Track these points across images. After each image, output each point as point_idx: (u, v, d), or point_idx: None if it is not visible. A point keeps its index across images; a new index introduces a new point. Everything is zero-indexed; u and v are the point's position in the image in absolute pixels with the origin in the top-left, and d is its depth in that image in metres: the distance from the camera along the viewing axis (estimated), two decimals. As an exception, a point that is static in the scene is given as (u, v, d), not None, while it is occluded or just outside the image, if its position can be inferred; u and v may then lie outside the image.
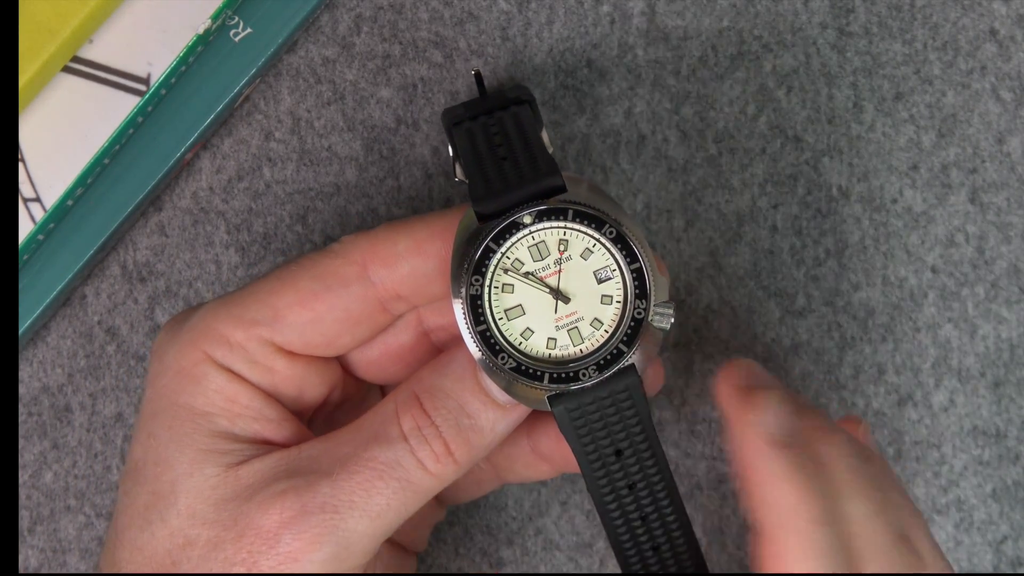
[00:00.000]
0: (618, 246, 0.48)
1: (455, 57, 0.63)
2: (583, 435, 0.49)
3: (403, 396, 0.50)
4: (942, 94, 0.63)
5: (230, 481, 0.49)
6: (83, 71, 0.60)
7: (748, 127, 0.63)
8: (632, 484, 0.50)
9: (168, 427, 0.50)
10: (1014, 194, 0.63)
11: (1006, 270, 0.63)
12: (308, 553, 0.48)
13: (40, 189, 0.59)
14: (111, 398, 0.63)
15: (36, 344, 0.63)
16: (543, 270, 0.49)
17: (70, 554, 0.63)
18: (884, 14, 0.63)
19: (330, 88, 0.63)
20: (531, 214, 0.48)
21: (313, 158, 0.63)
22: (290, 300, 0.50)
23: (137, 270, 0.63)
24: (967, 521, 0.64)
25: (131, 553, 0.49)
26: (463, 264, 0.48)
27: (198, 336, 0.51)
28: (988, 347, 0.63)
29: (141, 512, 0.50)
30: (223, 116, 0.62)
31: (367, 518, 0.48)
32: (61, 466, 0.63)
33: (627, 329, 0.49)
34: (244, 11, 0.61)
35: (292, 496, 0.48)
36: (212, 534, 0.48)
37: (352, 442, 0.49)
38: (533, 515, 0.64)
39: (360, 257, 0.51)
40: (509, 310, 0.49)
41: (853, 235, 0.63)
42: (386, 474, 0.48)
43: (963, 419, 0.63)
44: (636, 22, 0.63)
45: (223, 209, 0.63)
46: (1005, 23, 0.63)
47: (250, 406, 0.50)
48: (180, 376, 0.50)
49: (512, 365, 0.48)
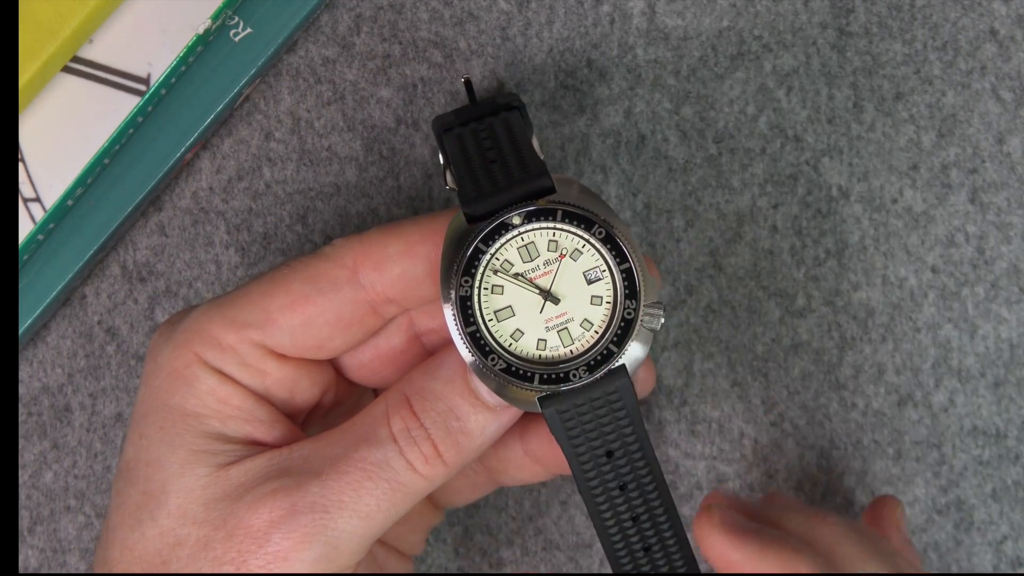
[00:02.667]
0: (608, 246, 0.48)
1: (455, 57, 0.63)
2: (574, 436, 0.49)
3: (394, 398, 0.50)
4: (942, 94, 0.63)
5: (220, 481, 0.49)
6: (83, 71, 0.60)
7: (748, 127, 0.63)
8: (623, 485, 0.50)
9: (160, 427, 0.50)
10: (1014, 194, 0.63)
11: (1006, 270, 0.63)
12: (297, 552, 0.48)
13: (40, 189, 0.59)
14: (111, 398, 0.63)
15: (36, 344, 0.63)
16: (533, 271, 0.49)
17: (70, 554, 0.63)
18: (884, 14, 0.63)
19: (330, 88, 0.63)
20: (520, 215, 0.48)
21: (313, 158, 0.63)
22: (281, 303, 0.51)
23: (137, 270, 0.63)
24: (967, 521, 0.64)
25: (122, 552, 0.50)
26: (452, 266, 0.48)
27: (190, 338, 0.51)
28: (988, 347, 0.63)
29: (132, 512, 0.50)
30: (223, 116, 0.62)
31: (356, 518, 0.48)
32: (61, 466, 0.63)
33: (617, 330, 0.48)
34: (244, 11, 0.61)
35: (282, 496, 0.48)
36: (202, 533, 0.48)
37: (342, 443, 0.50)
38: (533, 515, 0.64)
39: (351, 260, 0.51)
40: (499, 311, 0.49)
41: (853, 235, 0.63)
42: (375, 475, 0.49)
43: (963, 419, 0.63)
44: (636, 22, 0.63)
45: (223, 209, 0.63)
46: (1005, 23, 0.63)
47: (241, 407, 0.50)
48: (172, 377, 0.50)
49: (502, 366, 0.48)
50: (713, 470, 0.64)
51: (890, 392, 0.63)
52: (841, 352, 0.63)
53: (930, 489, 0.64)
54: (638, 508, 0.51)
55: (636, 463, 0.50)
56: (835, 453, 0.64)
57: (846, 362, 0.63)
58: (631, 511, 0.51)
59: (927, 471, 0.64)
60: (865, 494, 0.64)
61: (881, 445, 0.64)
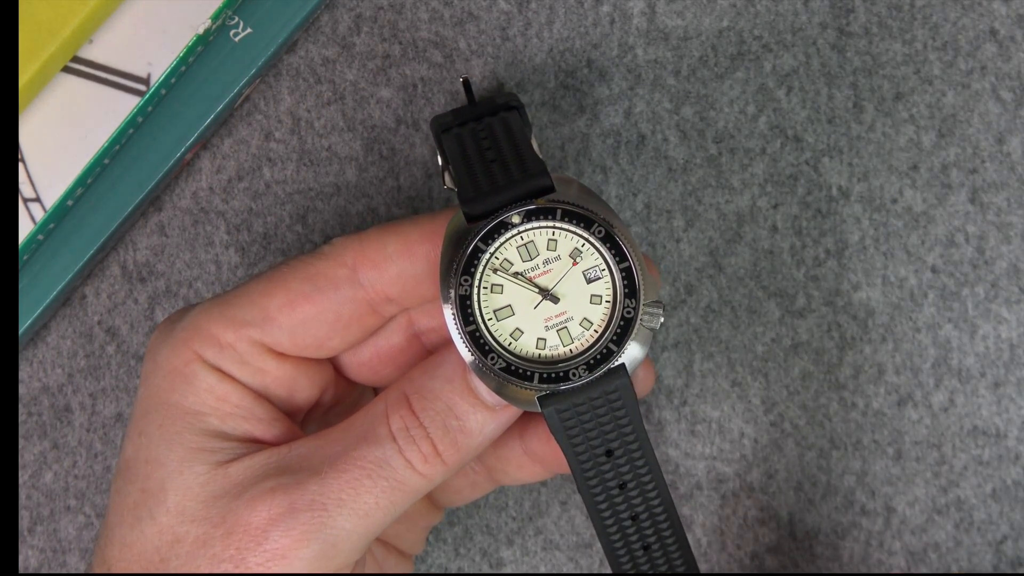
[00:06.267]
0: (607, 245, 0.48)
1: (455, 57, 0.63)
2: (573, 435, 0.49)
3: (393, 396, 0.50)
4: (942, 94, 0.63)
5: (219, 479, 0.49)
6: (83, 71, 0.60)
7: (748, 127, 0.63)
8: (623, 484, 0.50)
9: (159, 425, 0.50)
10: (1014, 194, 0.63)
11: (1006, 270, 0.63)
12: (296, 550, 0.48)
13: (40, 189, 0.59)
14: (111, 398, 0.63)
15: (36, 344, 0.63)
16: (532, 270, 0.49)
17: (70, 554, 0.63)
18: (884, 14, 0.63)
19: (330, 88, 0.63)
20: (520, 214, 0.48)
21: (313, 158, 0.63)
22: (280, 302, 0.51)
23: (137, 270, 0.63)
24: (967, 521, 0.64)
25: (120, 550, 0.50)
26: (452, 265, 0.48)
27: (190, 336, 0.51)
28: (988, 347, 0.63)
29: (131, 509, 0.50)
30: (223, 116, 0.62)
31: (355, 516, 0.48)
32: (61, 466, 0.63)
33: (617, 329, 0.48)
34: (244, 11, 0.61)
35: (281, 494, 0.48)
36: (200, 531, 0.48)
37: (342, 441, 0.50)
38: (533, 515, 0.64)
39: (350, 259, 0.51)
40: (498, 310, 0.49)
41: (853, 235, 0.63)
42: (374, 473, 0.49)
43: (963, 419, 0.63)
44: (636, 22, 0.63)
45: (223, 209, 0.63)
46: (1005, 23, 0.62)
47: (240, 405, 0.51)
48: (171, 375, 0.50)
49: (502, 365, 0.48)
50: (713, 470, 0.64)
51: (890, 392, 0.63)
52: (841, 352, 0.63)
53: (930, 489, 0.64)
54: (637, 507, 0.51)
55: (636, 462, 0.50)
56: (835, 453, 0.64)
57: (846, 362, 0.63)
58: (630, 510, 0.51)
59: (927, 471, 0.64)
60: (865, 494, 0.64)
61: (881, 445, 0.64)
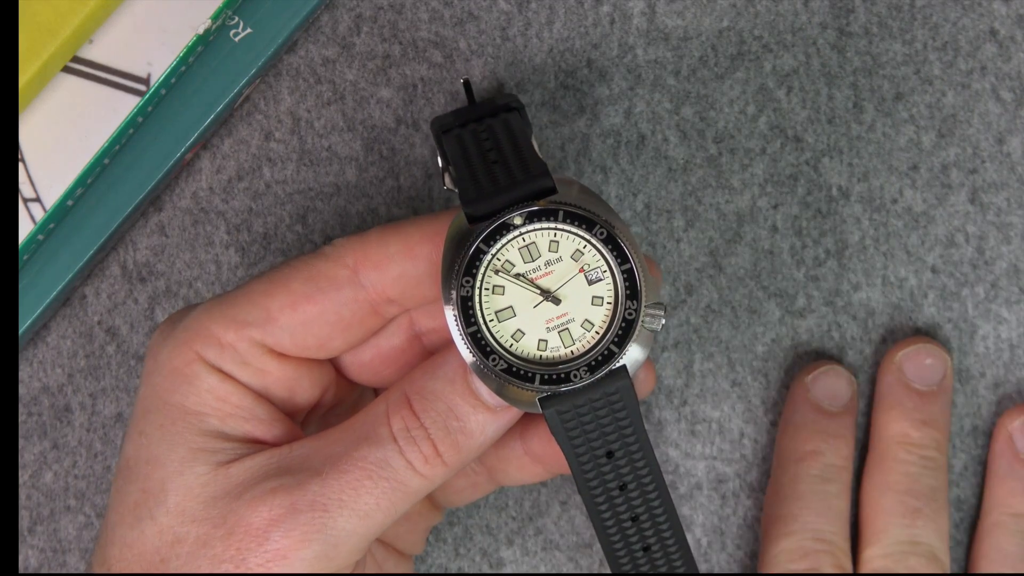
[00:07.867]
0: (609, 247, 0.48)
1: (455, 57, 0.63)
2: (574, 436, 0.49)
3: (394, 397, 0.50)
4: (942, 94, 0.63)
5: (220, 479, 0.49)
6: (83, 71, 0.60)
7: (748, 127, 0.63)
8: (623, 485, 0.50)
9: (159, 425, 0.50)
10: (1014, 194, 0.63)
11: (1006, 270, 0.63)
12: (296, 551, 0.48)
13: (40, 189, 0.59)
14: (111, 398, 0.63)
15: (36, 344, 0.63)
16: (534, 271, 0.49)
17: (70, 554, 0.63)
18: (884, 14, 0.63)
19: (330, 88, 0.63)
20: (522, 215, 0.48)
21: (313, 158, 0.63)
22: (282, 302, 0.51)
23: (137, 270, 0.63)
24: (967, 521, 0.64)
25: (121, 550, 0.50)
26: (454, 266, 0.48)
27: (191, 336, 0.51)
28: (988, 347, 0.63)
29: (131, 509, 0.50)
30: (223, 116, 0.62)
31: (356, 517, 0.48)
32: (61, 466, 0.63)
33: (618, 330, 0.48)
34: (244, 11, 0.61)
35: (282, 494, 0.48)
36: (201, 531, 0.48)
37: (342, 441, 0.50)
38: (533, 515, 0.64)
39: (351, 260, 0.51)
40: (500, 312, 0.49)
41: (853, 235, 0.63)
42: (375, 474, 0.49)
43: (963, 419, 0.63)
44: (636, 22, 0.63)
45: (223, 209, 0.63)
46: (1005, 23, 0.63)
47: (241, 406, 0.50)
48: (172, 375, 0.50)
49: (503, 367, 0.48)
50: (713, 470, 0.64)
51: (890, 392, 0.63)
52: (841, 352, 0.63)
53: (930, 489, 0.64)
54: (638, 508, 0.51)
55: (636, 463, 0.50)
56: (835, 453, 0.64)
57: (846, 362, 0.63)
58: (631, 511, 0.51)
59: (927, 471, 0.64)
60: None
61: (881, 445, 0.64)
